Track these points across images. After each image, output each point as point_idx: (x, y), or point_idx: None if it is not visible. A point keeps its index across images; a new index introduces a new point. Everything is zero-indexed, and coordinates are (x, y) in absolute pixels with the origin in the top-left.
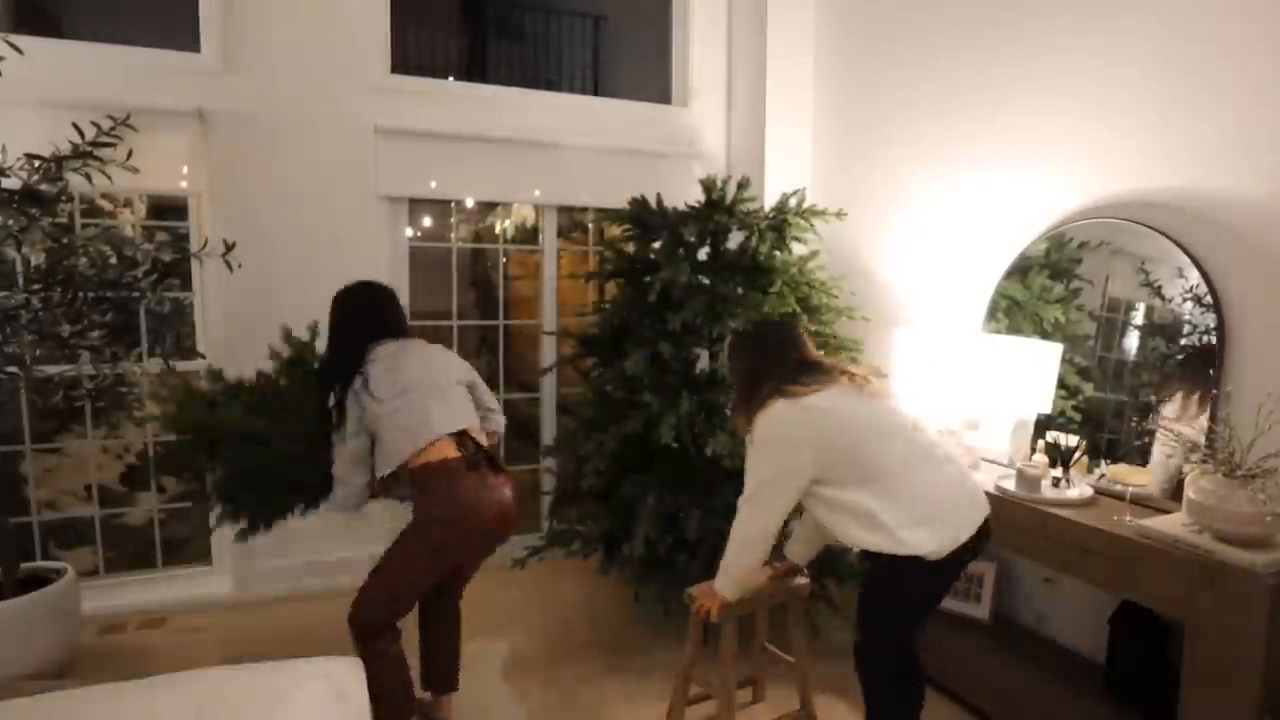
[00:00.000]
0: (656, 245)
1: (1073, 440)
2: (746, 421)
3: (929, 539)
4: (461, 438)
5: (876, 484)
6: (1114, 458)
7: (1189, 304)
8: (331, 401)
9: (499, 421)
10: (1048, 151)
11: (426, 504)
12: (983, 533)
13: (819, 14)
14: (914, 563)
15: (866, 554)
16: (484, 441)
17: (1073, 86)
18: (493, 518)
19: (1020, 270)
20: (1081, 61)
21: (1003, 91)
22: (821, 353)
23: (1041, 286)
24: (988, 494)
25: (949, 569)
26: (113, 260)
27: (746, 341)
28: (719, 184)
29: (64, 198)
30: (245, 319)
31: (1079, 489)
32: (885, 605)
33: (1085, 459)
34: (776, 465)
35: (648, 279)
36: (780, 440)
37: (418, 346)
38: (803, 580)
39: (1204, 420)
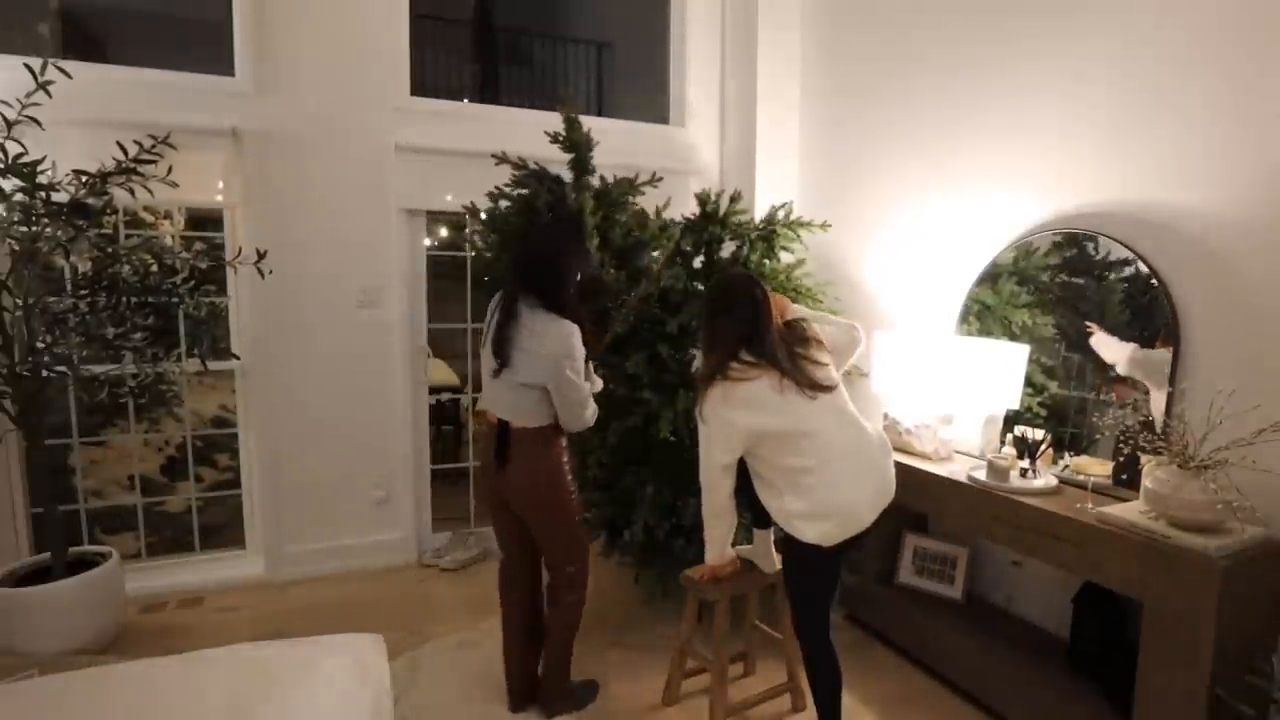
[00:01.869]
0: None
1: (1039, 434)
2: (698, 395)
3: (824, 532)
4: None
5: (790, 476)
6: (1076, 450)
7: (1144, 308)
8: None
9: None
10: (1015, 167)
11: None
12: (877, 522)
13: (804, 44)
14: (812, 547)
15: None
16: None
17: (1038, 109)
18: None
19: (991, 277)
20: (1045, 86)
21: (975, 110)
22: (778, 317)
23: (1010, 292)
24: (960, 483)
25: (842, 549)
26: (154, 268)
27: (711, 298)
28: (713, 197)
29: (109, 210)
30: (276, 321)
31: (1044, 479)
32: (795, 581)
33: (1050, 451)
34: (710, 447)
35: None
36: (713, 424)
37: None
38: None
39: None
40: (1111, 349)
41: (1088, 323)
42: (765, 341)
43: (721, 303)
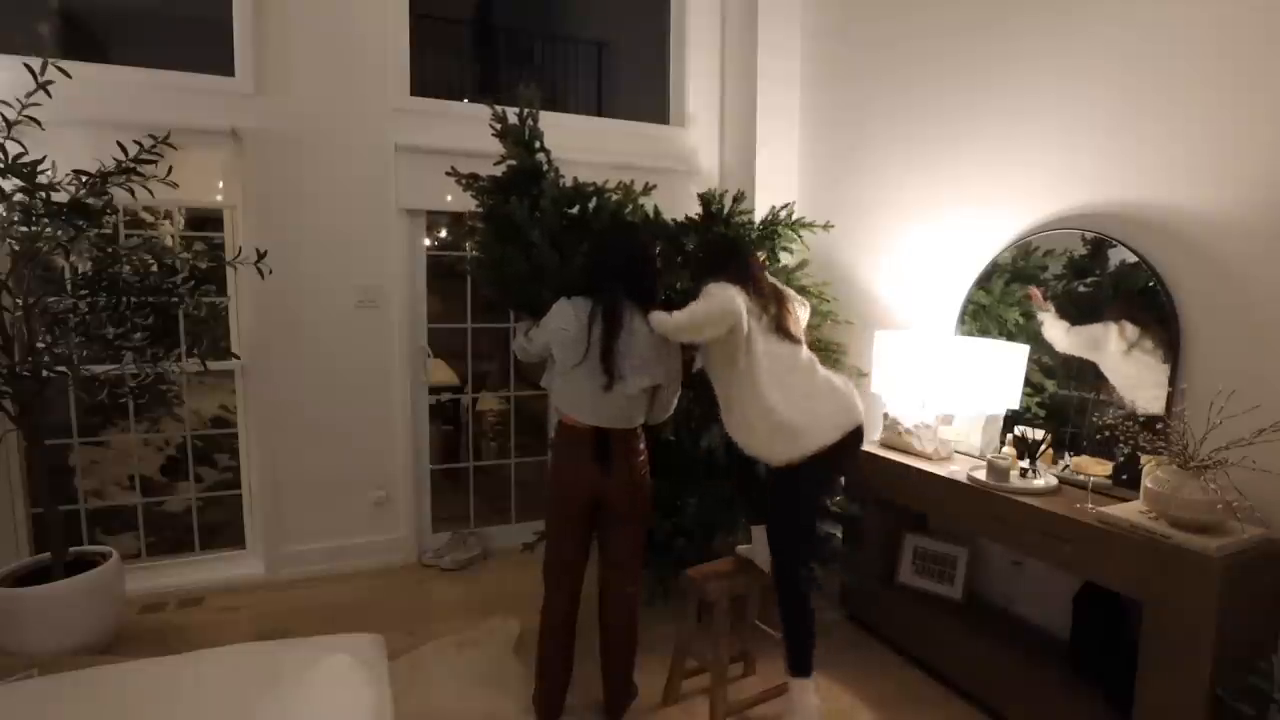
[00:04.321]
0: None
1: (1039, 434)
2: (704, 289)
3: (789, 448)
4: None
5: (754, 391)
6: (1076, 450)
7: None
8: None
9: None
10: (1016, 167)
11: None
12: (840, 445)
13: (805, 43)
14: (781, 471)
15: (729, 448)
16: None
17: (1038, 108)
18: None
19: (990, 277)
20: (1045, 89)
21: (976, 108)
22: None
23: (1002, 290)
24: (960, 484)
25: (811, 472)
26: (154, 268)
27: (718, 248)
28: (718, 197)
29: (109, 210)
30: (276, 321)
31: (1045, 479)
32: (773, 519)
33: (1050, 451)
34: (708, 309)
35: None
36: (720, 295)
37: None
38: None
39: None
40: (1053, 329)
41: (1038, 308)
42: (762, 287)
43: (729, 253)
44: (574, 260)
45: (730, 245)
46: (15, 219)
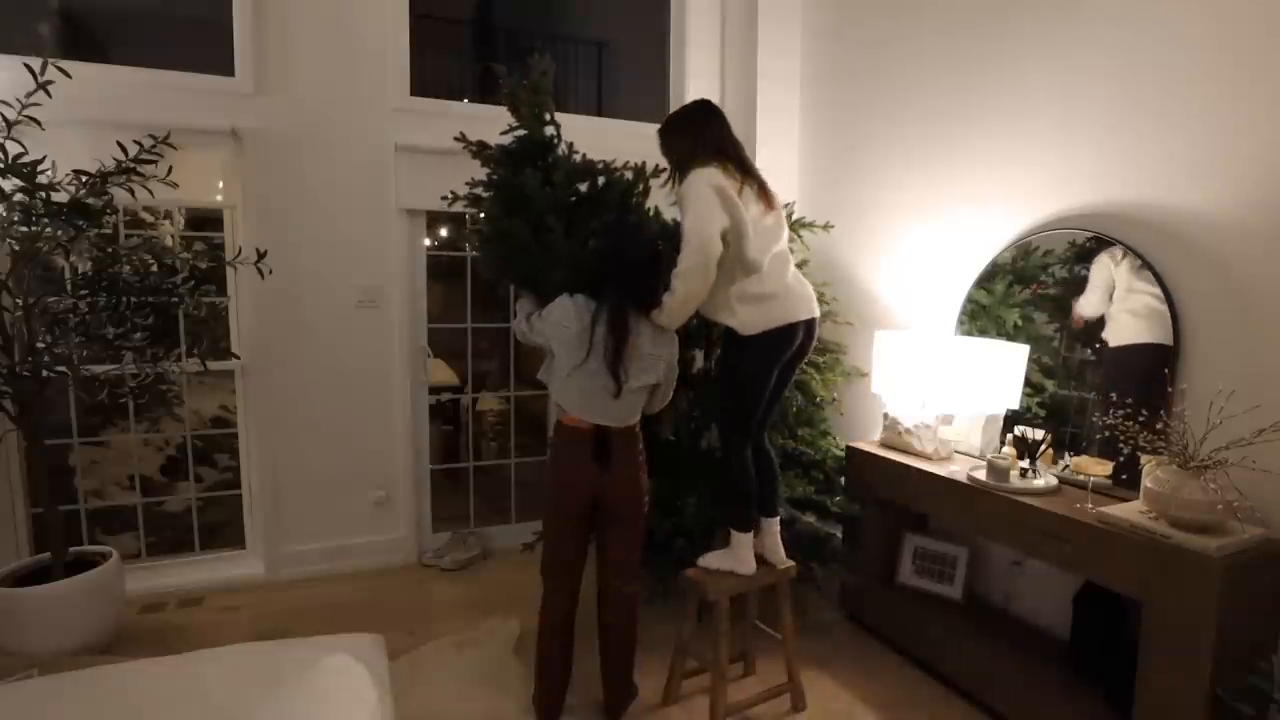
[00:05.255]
0: None
1: (1039, 434)
2: (682, 178)
3: (753, 318)
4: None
5: (745, 264)
6: (1076, 450)
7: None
8: None
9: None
10: (1016, 167)
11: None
12: (794, 329)
13: (805, 43)
14: (749, 339)
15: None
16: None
17: (1039, 108)
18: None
19: (990, 277)
20: (1045, 89)
21: (975, 112)
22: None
23: (1003, 291)
24: (960, 484)
25: (765, 343)
26: (154, 268)
27: (696, 111)
28: None
29: (109, 210)
30: (276, 321)
31: (1045, 479)
32: (730, 384)
33: (1050, 451)
34: (710, 214)
35: None
36: (712, 192)
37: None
38: (790, 563)
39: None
40: (1087, 302)
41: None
42: (743, 157)
43: (704, 116)
44: (584, 239)
45: (704, 108)
46: (15, 219)
